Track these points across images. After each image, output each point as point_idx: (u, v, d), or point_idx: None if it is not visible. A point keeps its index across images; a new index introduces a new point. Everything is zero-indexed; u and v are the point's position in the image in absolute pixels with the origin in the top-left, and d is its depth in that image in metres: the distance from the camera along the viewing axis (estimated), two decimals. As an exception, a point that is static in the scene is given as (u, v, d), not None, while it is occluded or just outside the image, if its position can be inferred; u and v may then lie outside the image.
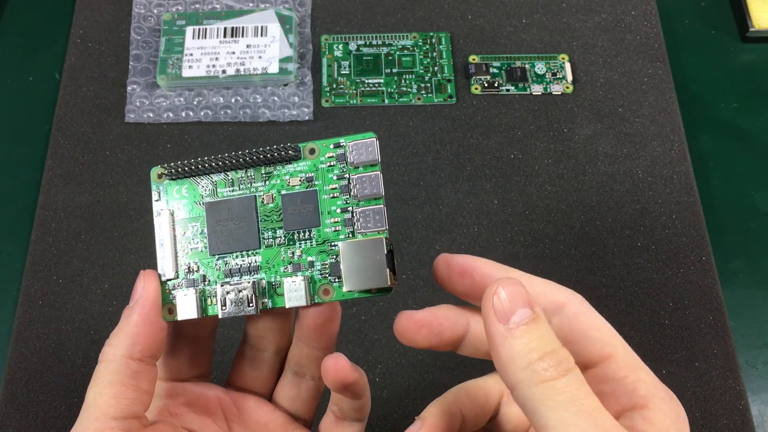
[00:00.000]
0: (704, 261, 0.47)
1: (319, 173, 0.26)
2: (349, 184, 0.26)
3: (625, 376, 0.24)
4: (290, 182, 0.27)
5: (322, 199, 0.26)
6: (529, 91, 0.52)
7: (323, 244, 0.26)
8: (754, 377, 0.45)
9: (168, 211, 0.28)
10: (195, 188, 0.28)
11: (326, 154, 0.26)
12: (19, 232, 0.48)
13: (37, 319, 0.44)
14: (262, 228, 0.27)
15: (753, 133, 0.53)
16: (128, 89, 0.51)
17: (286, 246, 0.27)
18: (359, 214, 0.26)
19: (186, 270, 0.27)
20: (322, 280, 0.26)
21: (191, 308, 0.27)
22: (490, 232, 0.48)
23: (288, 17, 0.53)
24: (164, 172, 0.28)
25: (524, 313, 0.22)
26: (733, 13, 0.57)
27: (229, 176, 0.27)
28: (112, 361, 0.26)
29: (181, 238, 0.28)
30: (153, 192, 0.28)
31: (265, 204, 0.27)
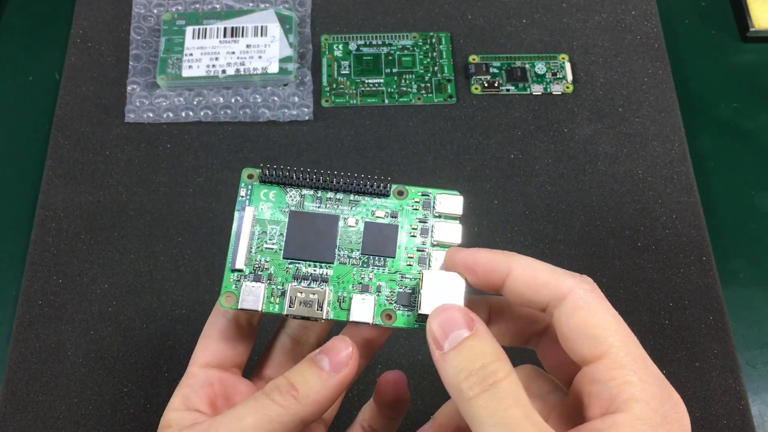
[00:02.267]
0: (704, 261, 0.47)
1: (404, 213, 0.29)
2: (431, 229, 0.29)
3: (613, 378, 0.23)
4: (376, 213, 0.29)
5: (401, 234, 0.29)
6: (529, 91, 0.52)
7: (395, 273, 0.28)
8: (754, 377, 0.45)
9: (252, 208, 0.29)
10: (283, 196, 0.29)
11: (413, 199, 0.29)
12: (19, 232, 0.48)
13: (37, 319, 0.44)
14: (341, 245, 0.29)
15: (753, 133, 0.53)
16: (128, 89, 0.51)
17: (360, 267, 0.29)
18: (434, 256, 0.28)
19: (256, 266, 0.29)
20: (387, 306, 0.28)
21: (256, 300, 0.28)
22: (490, 232, 0.48)
23: (288, 17, 0.53)
24: (256, 174, 0.30)
25: (456, 336, 0.24)
26: (733, 13, 0.57)
27: (319, 194, 0.29)
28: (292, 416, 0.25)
29: (258, 235, 0.29)
30: (241, 189, 0.30)
31: (348, 226, 0.29)
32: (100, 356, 0.43)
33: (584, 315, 0.24)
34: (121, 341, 0.44)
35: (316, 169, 0.29)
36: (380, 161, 0.50)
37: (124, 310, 0.45)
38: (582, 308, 0.24)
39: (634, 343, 0.24)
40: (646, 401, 0.23)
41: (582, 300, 0.24)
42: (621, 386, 0.23)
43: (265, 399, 0.25)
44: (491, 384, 0.23)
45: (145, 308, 0.45)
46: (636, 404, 0.22)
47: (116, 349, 0.44)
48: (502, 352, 0.24)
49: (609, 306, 0.24)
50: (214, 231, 0.47)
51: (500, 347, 0.24)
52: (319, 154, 0.50)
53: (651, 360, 0.24)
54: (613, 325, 0.24)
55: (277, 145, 0.50)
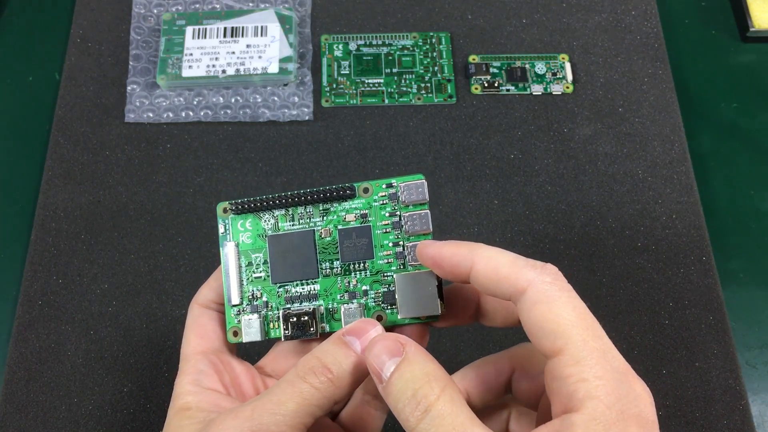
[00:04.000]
0: (704, 261, 0.47)
1: (373, 210, 0.29)
2: (401, 220, 0.29)
3: (570, 375, 0.22)
4: (346, 218, 0.30)
5: (375, 234, 0.29)
6: (529, 91, 0.52)
7: (377, 274, 0.29)
8: (754, 377, 0.45)
9: (233, 243, 0.30)
10: (258, 222, 0.30)
11: (379, 193, 0.29)
12: (19, 232, 0.48)
13: (37, 319, 0.44)
14: (321, 259, 0.29)
15: (753, 133, 0.53)
16: (128, 89, 0.51)
17: (343, 276, 0.29)
18: (410, 248, 0.28)
19: (250, 296, 0.30)
20: (375, 307, 0.29)
21: (256, 332, 0.29)
22: (490, 232, 0.48)
23: (288, 17, 0.53)
24: (229, 207, 0.30)
25: (389, 366, 0.24)
26: (733, 13, 0.57)
27: (290, 212, 0.30)
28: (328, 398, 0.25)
29: (245, 267, 0.30)
30: (219, 225, 0.31)
31: (323, 238, 0.30)
32: (100, 356, 0.43)
33: (543, 309, 0.23)
34: (121, 341, 0.44)
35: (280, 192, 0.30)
36: (380, 161, 0.50)
37: (124, 310, 0.45)
38: (541, 302, 0.23)
39: (594, 335, 0.23)
40: (601, 398, 0.22)
41: (541, 293, 0.23)
42: (577, 383, 0.22)
43: (301, 383, 0.25)
44: (424, 411, 0.23)
45: (145, 308, 0.45)
46: (590, 402, 0.22)
47: (116, 349, 0.44)
48: (434, 368, 0.24)
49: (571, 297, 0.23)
50: (214, 231, 0.47)
51: (432, 363, 0.24)
52: (319, 154, 0.50)
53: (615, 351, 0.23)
54: (573, 318, 0.23)
55: (277, 145, 0.50)
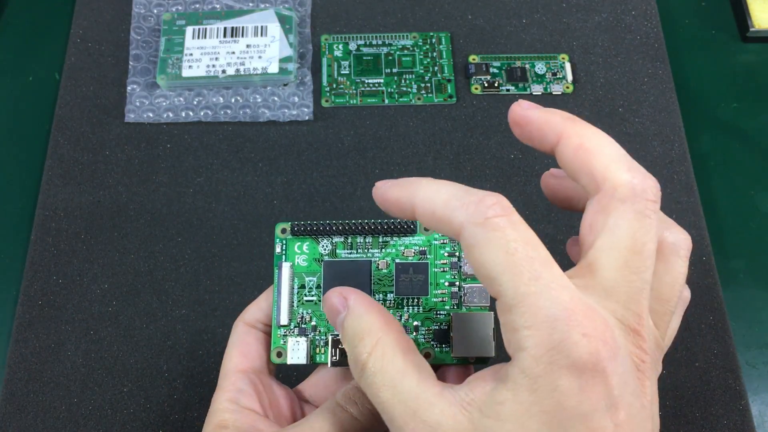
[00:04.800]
0: (704, 261, 0.47)
1: (432, 248, 0.29)
2: (459, 261, 0.29)
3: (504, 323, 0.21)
4: (405, 253, 0.30)
5: (432, 271, 0.29)
6: (529, 91, 0.52)
7: (430, 311, 0.29)
8: (754, 377, 0.45)
9: (288, 264, 0.30)
10: (316, 246, 0.30)
11: None
12: (19, 232, 0.48)
13: (37, 319, 0.44)
14: (374, 290, 0.29)
15: (753, 133, 0.53)
16: (128, 89, 0.51)
17: (395, 309, 0.29)
18: (467, 289, 0.29)
19: (299, 319, 0.30)
20: (425, 344, 0.29)
21: (302, 355, 0.29)
22: (490, 232, 0.47)
23: (288, 17, 0.53)
24: (288, 228, 0.30)
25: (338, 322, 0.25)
26: (733, 13, 0.57)
27: (349, 240, 0.30)
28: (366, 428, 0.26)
29: (297, 289, 0.30)
30: (276, 245, 0.30)
31: (380, 269, 0.30)
32: (100, 356, 0.43)
33: (475, 255, 0.21)
34: (121, 341, 0.44)
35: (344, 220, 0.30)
36: (380, 161, 0.50)
37: (124, 310, 0.45)
38: (472, 247, 0.21)
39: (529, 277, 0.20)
40: (528, 350, 0.20)
41: (471, 238, 0.21)
42: (509, 333, 0.21)
43: (342, 412, 0.26)
44: (361, 370, 0.23)
45: (145, 308, 0.45)
46: (519, 354, 0.20)
47: (116, 349, 0.44)
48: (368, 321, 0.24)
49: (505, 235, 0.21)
50: (214, 231, 0.47)
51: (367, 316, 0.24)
52: (319, 154, 0.50)
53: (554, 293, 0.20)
54: (503, 262, 0.20)
55: (277, 145, 0.50)
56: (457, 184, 0.23)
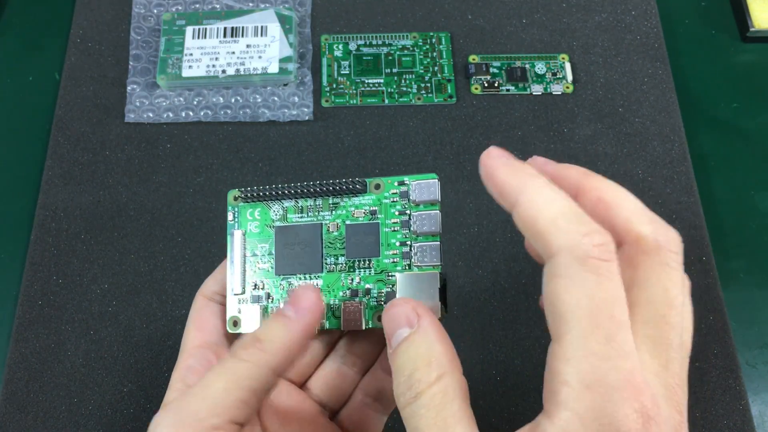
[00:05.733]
0: (704, 261, 0.47)
1: (383, 207, 0.29)
2: (410, 219, 0.28)
3: (558, 372, 0.20)
4: (355, 214, 0.29)
5: (383, 231, 0.28)
6: (529, 91, 0.52)
7: (381, 273, 0.28)
8: (754, 377, 0.45)
9: (240, 231, 0.30)
10: (267, 212, 0.30)
11: (390, 190, 0.29)
12: (19, 232, 0.48)
13: (37, 319, 0.44)
14: (326, 254, 0.29)
15: (753, 133, 0.53)
16: (128, 89, 0.51)
17: (347, 272, 0.29)
18: (417, 248, 0.28)
19: (253, 287, 0.29)
20: (377, 307, 0.28)
21: (256, 323, 0.29)
22: (490, 232, 0.48)
23: (288, 17, 0.53)
24: (240, 195, 0.30)
25: (399, 335, 0.23)
26: (733, 13, 0.57)
27: (299, 203, 0.29)
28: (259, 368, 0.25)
29: (250, 257, 0.30)
30: (228, 213, 0.30)
31: (330, 232, 0.29)
32: (100, 356, 0.43)
33: (557, 286, 0.20)
34: (121, 341, 0.44)
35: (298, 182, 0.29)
36: (380, 161, 0.50)
37: (124, 310, 0.45)
38: (558, 276, 0.20)
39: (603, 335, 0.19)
40: (577, 412, 0.19)
41: (563, 267, 0.20)
42: (560, 385, 0.20)
43: (231, 360, 0.25)
44: (414, 396, 0.22)
45: (145, 308, 0.45)
46: (565, 413, 0.19)
47: (116, 349, 0.44)
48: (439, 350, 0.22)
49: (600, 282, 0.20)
50: (214, 231, 0.47)
51: (439, 345, 0.23)
52: (319, 154, 0.50)
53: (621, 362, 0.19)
54: (584, 307, 0.19)
55: (277, 145, 0.50)
56: (569, 201, 0.21)
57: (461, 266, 0.46)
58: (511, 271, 0.46)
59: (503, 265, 0.47)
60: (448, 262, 0.46)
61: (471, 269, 0.46)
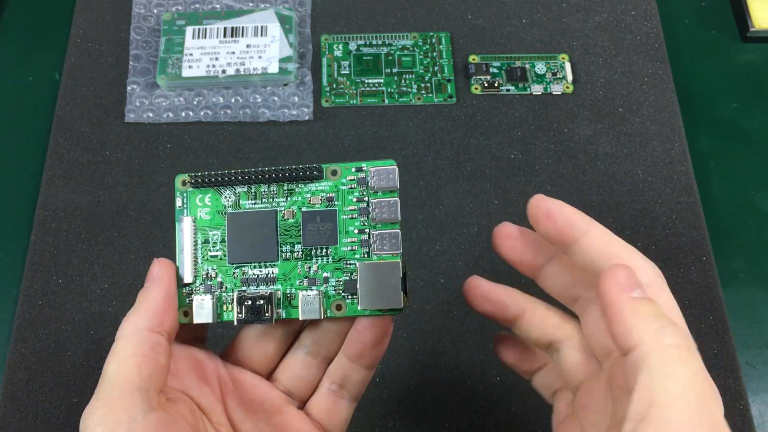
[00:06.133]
0: (704, 261, 0.47)
1: (340, 194, 0.28)
2: (368, 207, 0.27)
3: None
4: (311, 200, 0.28)
5: (340, 219, 0.28)
6: (529, 91, 0.52)
7: (339, 261, 0.28)
8: (754, 377, 0.45)
9: (190, 218, 0.29)
10: (218, 198, 0.29)
11: (347, 177, 0.28)
12: (19, 232, 0.48)
13: (37, 319, 0.44)
14: (281, 242, 0.28)
15: (753, 133, 0.53)
16: (128, 89, 0.51)
17: (303, 261, 0.28)
18: (376, 236, 0.27)
19: (204, 276, 0.28)
20: (335, 296, 0.28)
21: (207, 313, 0.28)
22: (490, 232, 0.47)
23: (288, 17, 0.53)
24: (188, 180, 0.29)
25: (641, 292, 0.24)
26: (733, 13, 0.57)
27: (252, 189, 0.28)
28: (133, 334, 0.26)
29: (201, 244, 0.29)
30: (177, 198, 0.29)
31: (286, 219, 0.28)
32: (100, 356, 0.43)
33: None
34: (121, 341, 0.44)
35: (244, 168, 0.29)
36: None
37: (124, 310, 0.44)
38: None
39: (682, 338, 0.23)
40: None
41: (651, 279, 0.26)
42: None
43: (113, 344, 0.27)
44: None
45: (145, 308, 0.45)
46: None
47: (116, 349, 0.44)
48: None
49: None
50: (214, 231, 0.47)
51: None
52: (319, 154, 0.50)
53: None
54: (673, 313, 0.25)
55: (277, 145, 0.50)
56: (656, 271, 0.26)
57: (461, 266, 0.46)
58: (511, 271, 0.46)
59: (503, 265, 0.46)
60: (447, 261, 0.46)
61: (471, 269, 0.46)
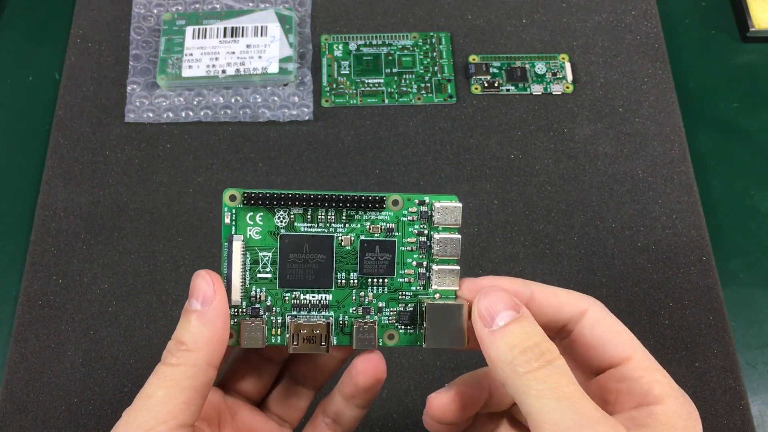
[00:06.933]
0: (704, 261, 0.47)
1: (400, 225, 0.28)
2: (429, 241, 0.28)
3: (642, 376, 0.26)
4: (371, 229, 0.28)
5: (399, 250, 0.28)
6: (529, 91, 0.52)
7: (395, 292, 0.28)
8: (754, 377, 0.45)
9: (241, 237, 0.27)
10: (271, 218, 0.27)
11: (409, 209, 0.28)
12: (19, 232, 0.48)
13: (37, 319, 0.44)
14: (337, 268, 0.28)
15: (753, 133, 0.53)
16: (128, 89, 0.51)
17: (358, 289, 0.28)
18: (436, 272, 0.28)
19: (252, 298, 0.28)
20: (389, 326, 0.28)
21: (257, 338, 0.27)
22: (490, 232, 0.48)
23: (288, 17, 0.53)
24: (239, 195, 0.27)
25: (506, 315, 0.25)
26: (733, 13, 0.57)
27: (308, 213, 0.27)
28: (194, 366, 0.25)
29: (249, 264, 0.27)
30: (225, 214, 0.27)
31: (343, 246, 0.28)
32: (100, 356, 0.43)
33: (606, 325, 0.27)
34: (121, 341, 0.44)
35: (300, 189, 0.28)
36: (380, 161, 0.50)
37: (124, 310, 0.45)
38: (605, 319, 0.27)
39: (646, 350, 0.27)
40: (675, 397, 0.25)
41: (600, 313, 0.27)
42: (651, 383, 0.25)
43: (163, 367, 0.25)
44: (548, 361, 0.24)
45: (145, 308, 0.45)
46: (668, 399, 0.25)
47: (116, 349, 0.44)
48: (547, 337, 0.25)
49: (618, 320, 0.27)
50: (214, 231, 0.47)
51: None
52: (319, 154, 0.50)
53: None
54: (630, 334, 0.27)
55: (277, 145, 0.50)
56: None
57: (461, 266, 0.46)
58: (511, 272, 0.46)
59: (503, 265, 0.47)
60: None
61: (471, 269, 0.46)
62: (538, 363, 0.24)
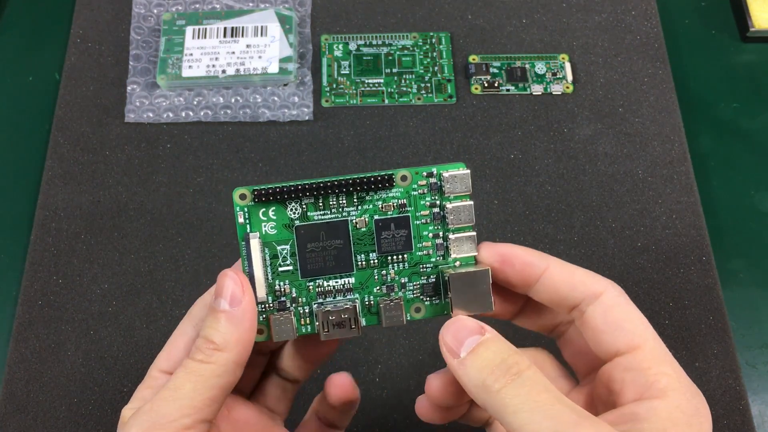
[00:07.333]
0: (704, 261, 0.47)
1: (411, 199, 0.28)
2: (442, 211, 0.28)
3: (649, 367, 0.25)
4: (383, 207, 0.28)
5: (414, 224, 0.28)
6: (529, 91, 0.52)
7: (415, 266, 0.28)
8: (754, 377, 0.45)
9: (257, 234, 0.27)
10: (284, 211, 0.28)
11: (418, 182, 0.28)
12: (19, 232, 0.48)
13: (37, 319, 0.44)
14: (355, 251, 0.28)
15: (753, 133, 0.53)
16: (128, 89, 0.51)
17: (379, 268, 0.28)
18: (453, 240, 0.28)
19: (277, 292, 0.28)
20: (415, 299, 0.28)
21: (288, 330, 0.27)
22: (490, 232, 0.48)
23: (288, 17, 0.53)
24: (249, 194, 0.28)
25: (471, 341, 0.25)
26: (733, 13, 0.57)
27: (320, 201, 0.28)
28: (223, 365, 0.25)
29: (269, 260, 0.28)
30: (237, 214, 0.28)
31: (358, 228, 0.28)
32: (100, 356, 0.43)
33: (621, 311, 0.26)
34: (121, 341, 0.44)
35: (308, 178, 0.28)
36: (380, 161, 0.50)
37: (124, 310, 0.45)
38: (619, 305, 0.26)
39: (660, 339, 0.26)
40: (682, 391, 0.25)
41: (618, 298, 0.26)
42: (657, 375, 0.25)
43: (192, 363, 0.26)
44: (516, 374, 0.24)
45: (145, 308, 0.45)
46: (673, 393, 0.24)
47: (116, 349, 0.44)
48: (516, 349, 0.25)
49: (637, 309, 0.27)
50: (214, 231, 0.47)
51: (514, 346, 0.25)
52: (319, 154, 0.50)
53: None
54: (645, 322, 0.26)
55: (277, 145, 0.50)
56: None
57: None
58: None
59: (503, 265, 0.46)
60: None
61: (471, 269, 0.46)
62: (507, 378, 0.23)
